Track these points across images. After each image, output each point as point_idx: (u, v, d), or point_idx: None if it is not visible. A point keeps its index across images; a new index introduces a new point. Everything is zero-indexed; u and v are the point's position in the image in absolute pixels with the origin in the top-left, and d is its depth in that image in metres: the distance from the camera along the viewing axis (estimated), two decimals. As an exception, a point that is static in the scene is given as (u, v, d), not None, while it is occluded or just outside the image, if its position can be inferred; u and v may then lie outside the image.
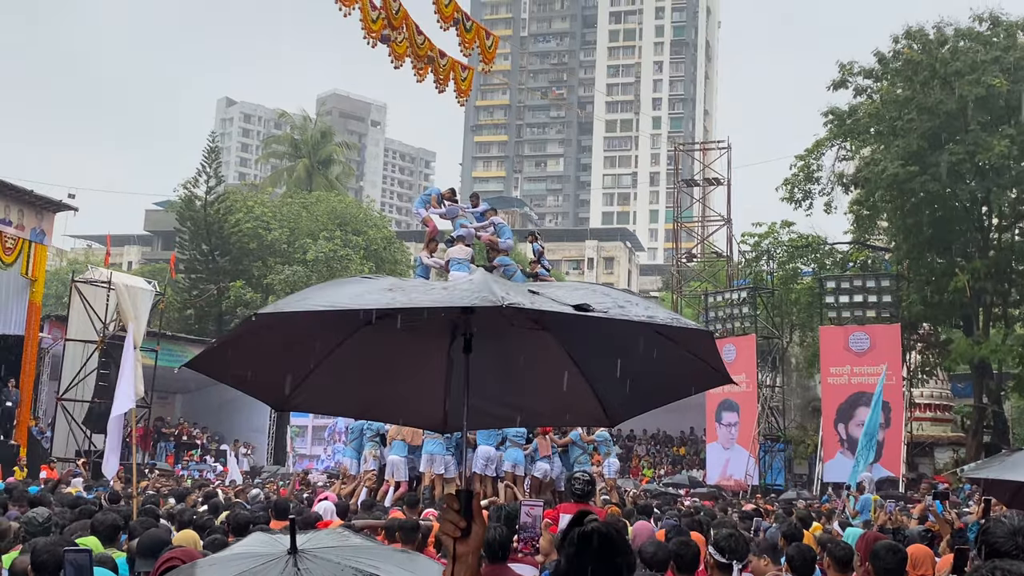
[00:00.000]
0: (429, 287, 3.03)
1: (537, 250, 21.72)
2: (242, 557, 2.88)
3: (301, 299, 3.06)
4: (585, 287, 3.12)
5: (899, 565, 5.76)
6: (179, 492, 14.68)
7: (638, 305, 2.96)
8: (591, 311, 2.74)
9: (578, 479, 8.67)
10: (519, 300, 2.68)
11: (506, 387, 3.71)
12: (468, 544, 2.67)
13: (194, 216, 51.44)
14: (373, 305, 2.83)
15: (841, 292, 33.56)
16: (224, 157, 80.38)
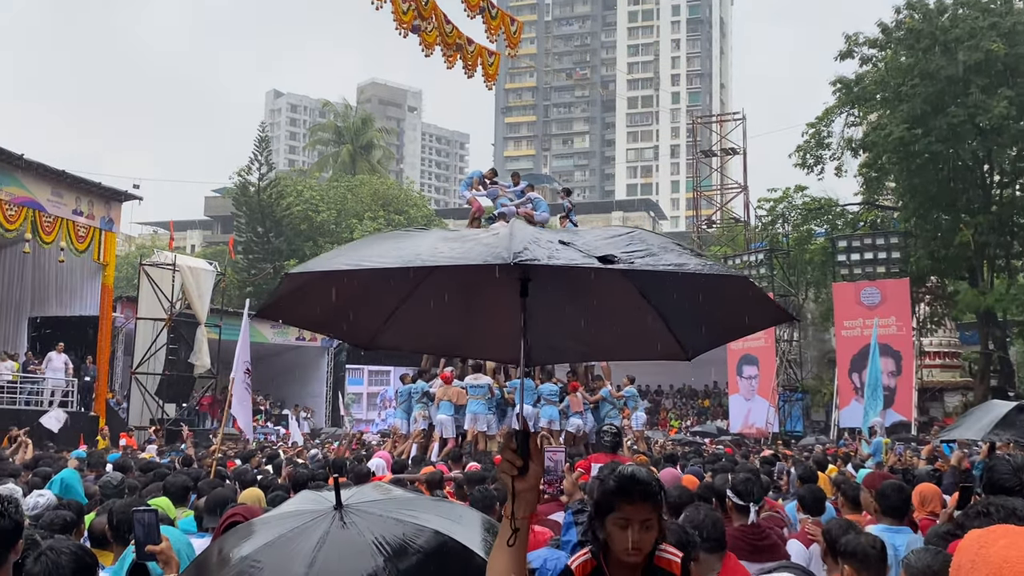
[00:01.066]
0: (463, 239, 2.88)
1: (567, 207, 21.63)
2: (292, 515, 2.91)
3: (334, 257, 3.03)
4: (624, 232, 2.95)
5: (904, 503, 5.76)
6: (245, 454, 14.89)
7: (672, 251, 2.82)
8: (615, 262, 2.60)
9: (607, 431, 8.75)
10: (534, 255, 2.53)
11: (579, 323, 3.60)
12: (526, 481, 2.61)
13: (249, 201, 51.86)
14: (393, 263, 2.76)
15: (852, 250, 33.40)
16: (274, 145, 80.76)
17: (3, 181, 23.97)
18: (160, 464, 11.63)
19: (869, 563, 4.09)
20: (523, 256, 2.50)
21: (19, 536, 3.54)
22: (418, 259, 2.71)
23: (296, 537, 2.77)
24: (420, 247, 2.81)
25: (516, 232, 2.72)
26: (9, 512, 3.47)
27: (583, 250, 2.67)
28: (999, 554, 1.92)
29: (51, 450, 16.25)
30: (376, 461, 11.09)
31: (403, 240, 2.97)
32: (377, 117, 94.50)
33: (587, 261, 2.61)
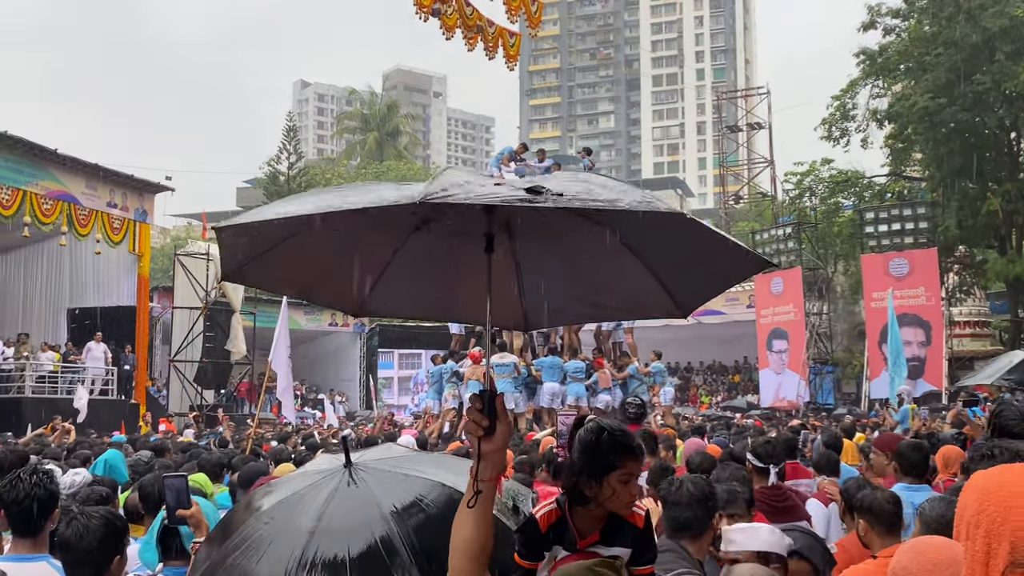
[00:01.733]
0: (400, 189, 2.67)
1: (586, 166, 21.47)
2: (307, 473, 3.00)
3: (267, 208, 2.82)
4: (571, 175, 2.74)
5: (922, 461, 5.77)
6: (281, 435, 15.09)
7: (611, 190, 2.58)
8: (540, 195, 2.35)
9: (631, 403, 8.80)
10: (449, 193, 2.33)
11: (573, 284, 3.45)
12: (493, 442, 2.50)
13: (279, 190, 52.34)
14: (311, 210, 2.59)
15: (880, 222, 33.12)
16: (302, 135, 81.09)
17: (38, 175, 24.33)
18: (197, 445, 11.84)
19: (883, 517, 4.13)
20: (436, 196, 2.32)
21: (55, 505, 3.68)
22: (346, 204, 2.56)
23: (307, 493, 2.85)
24: (347, 195, 2.66)
25: (445, 175, 2.54)
26: (44, 483, 3.61)
27: (516, 186, 2.46)
28: (1007, 489, 1.92)
29: (92, 436, 16.55)
30: (404, 439, 11.21)
31: (352, 191, 2.77)
32: (403, 103, 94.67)
33: (512, 195, 2.38)
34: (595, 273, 3.37)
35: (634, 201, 2.54)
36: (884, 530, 4.11)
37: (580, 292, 3.55)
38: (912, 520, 5.26)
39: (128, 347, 26.76)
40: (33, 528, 3.62)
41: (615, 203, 2.49)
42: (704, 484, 3.93)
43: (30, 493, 3.58)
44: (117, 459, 7.93)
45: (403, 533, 2.72)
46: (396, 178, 57.07)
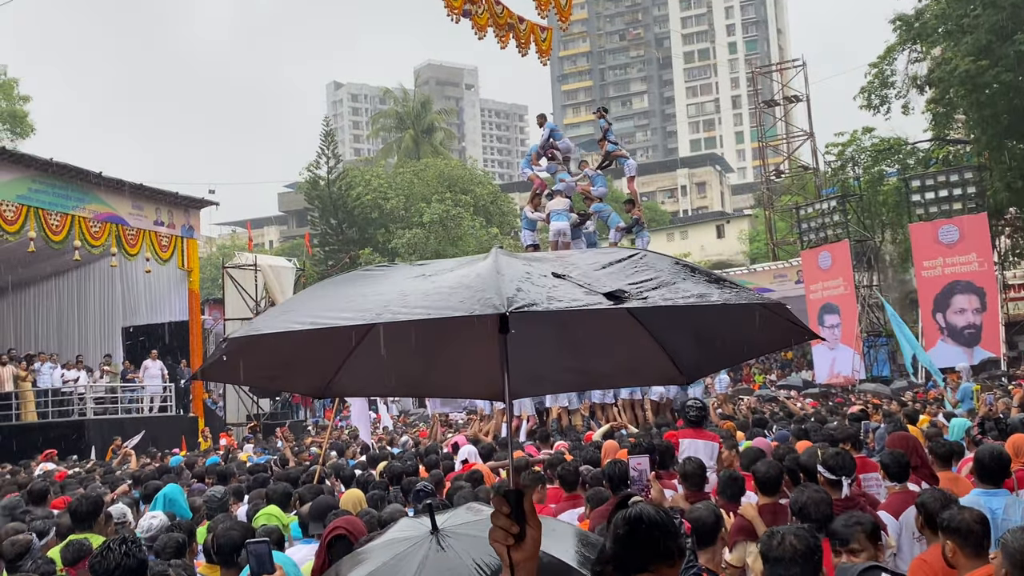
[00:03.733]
0: (435, 278, 2.52)
1: (603, 126, 21.25)
2: (393, 542, 2.99)
3: (282, 312, 2.68)
4: (625, 257, 2.58)
5: (1002, 470, 5.64)
6: (339, 447, 15.20)
7: (687, 278, 2.45)
8: (624, 299, 2.24)
9: (691, 407, 8.70)
10: (530, 299, 2.19)
11: (565, 352, 3.26)
12: (524, 550, 2.28)
13: (320, 195, 52.69)
14: (354, 320, 2.38)
15: (926, 189, 32.50)
16: (339, 136, 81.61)
17: (85, 199, 24.72)
18: (259, 466, 11.94)
19: (971, 539, 4.04)
20: (518, 302, 2.17)
21: (144, 573, 3.74)
22: (387, 312, 2.33)
23: (398, 564, 2.85)
24: (387, 296, 2.44)
25: (503, 269, 2.38)
26: (133, 552, 3.67)
27: (583, 284, 2.34)
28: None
29: (156, 455, 16.82)
30: (466, 449, 11.22)
31: (365, 285, 2.62)
32: (435, 98, 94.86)
33: (592, 300, 2.27)
34: (592, 342, 3.22)
35: (725, 295, 2.42)
36: (972, 552, 4.03)
37: (573, 361, 3.37)
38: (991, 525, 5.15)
39: (184, 361, 27.14)
40: (125, 597, 3.68)
41: (706, 298, 2.38)
42: (809, 537, 3.53)
43: (120, 563, 3.67)
44: (176, 493, 8.03)
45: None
46: (435, 175, 57.20)
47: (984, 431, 9.05)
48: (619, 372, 3.58)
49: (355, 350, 3.10)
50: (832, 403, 21.59)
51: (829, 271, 34.37)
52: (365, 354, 3.10)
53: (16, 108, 43.31)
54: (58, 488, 10.43)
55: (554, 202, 19.17)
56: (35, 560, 5.36)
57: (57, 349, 27.76)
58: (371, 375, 3.32)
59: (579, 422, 16.23)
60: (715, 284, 2.45)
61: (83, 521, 6.14)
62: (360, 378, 3.33)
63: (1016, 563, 3.29)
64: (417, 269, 2.70)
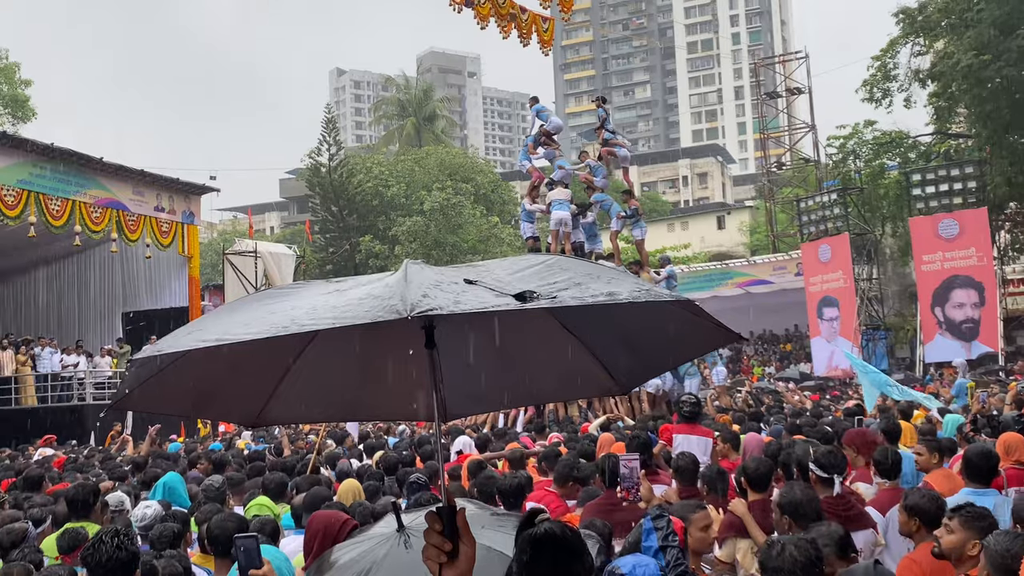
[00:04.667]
0: (347, 291, 2.50)
1: (601, 115, 21.18)
2: (363, 540, 3.06)
3: (190, 331, 2.56)
4: (539, 262, 2.56)
5: (991, 470, 5.68)
6: (337, 435, 15.20)
7: (599, 279, 2.42)
8: (533, 299, 2.21)
9: (685, 402, 8.72)
10: (435, 302, 2.16)
11: (499, 368, 3.19)
12: (456, 567, 2.22)
13: (321, 182, 52.64)
14: (262, 333, 2.29)
15: (927, 183, 32.53)
16: (341, 123, 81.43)
17: (86, 185, 24.72)
18: (256, 454, 11.99)
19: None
20: (422, 306, 2.13)
21: (136, 565, 3.78)
22: (294, 324, 2.29)
23: (360, 559, 2.94)
24: (296, 309, 2.41)
25: (412, 277, 2.37)
26: (125, 545, 3.71)
27: (495, 287, 2.31)
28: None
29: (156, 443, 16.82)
30: (462, 440, 11.25)
31: (276, 302, 2.57)
32: (438, 86, 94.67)
33: (501, 301, 2.23)
34: (525, 356, 3.17)
35: (634, 292, 2.39)
36: None
37: (507, 377, 3.29)
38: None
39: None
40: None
41: (614, 296, 2.35)
42: (810, 548, 3.47)
43: (112, 556, 3.70)
44: (176, 482, 8.07)
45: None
46: (436, 163, 57.11)
47: (977, 428, 9.09)
48: (555, 386, 3.51)
49: (285, 377, 3.02)
50: (829, 396, 21.62)
51: (829, 264, 34.40)
52: (296, 381, 3.04)
53: (17, 92, 43.22)
54: (55, 474, 10.49)
55: (555, 192, 19.18)
56: (22, 550, 5.40)
57: (57, 334, 27.81)
58: (303, 402, 3.23)
59: (576, 413, 16.26)
60: (626, 284, 2.42)
61: (79, 509, 6.17)
62: (293, 405, 3.23)
63: (998, 566, 3.33)
64: (331, 286, 2.69)
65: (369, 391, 3.33)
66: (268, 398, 3.12)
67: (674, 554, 3.75)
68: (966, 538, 4.14)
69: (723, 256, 54.47)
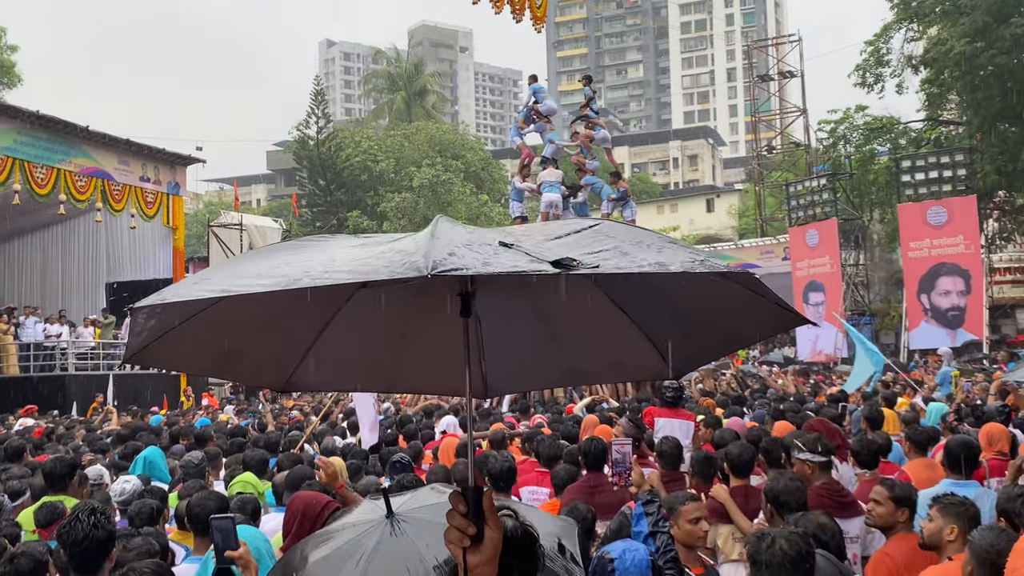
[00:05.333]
0: (371, 246, 2.28)
1: (588, 94, 21.01)
2: (350, 526, 2.98)
3: (197, 281, 2.33)
4: (585, 227, 2.38)
5: (971, 460, 5.72)
6: (322, 411, 15.17)
7: (650, 246, 2.24)
8: (573, 267, 2.00)
9: (667, 387, 8.70)
10: (461, 262, 1.97)
11: (544, 344, 3.00)
12: (481, 552, 2.06)
13: (309, 155, 52.35)
14: (271, 286, 2.08)
15: (917, 170, 32.56)
16: (330, 95, 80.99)
17: (71, 153, 24.53)
18: (239, 430, 11.94)
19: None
20: (446, 265, 1.93)
21: (113, 544, 3.74)
22: (307, 277, 2.09)
23: (350, 549, 2.82)
24: (312, 261, 2.24)
25: (441, 234, 2.18)
26: (102, 523, 3.66)
27: (531, 252, 2.10)
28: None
29: (139, 415, 16.75)
30: (446, 420, 11.22)
31: (295, 252, 2.39)
32: (429, 60, 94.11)
33: (535, 267, 2.01)
34: (573, 333, 2.97)
35: (686, 262, 2.17)
36: None
37: (552, 355, 3.09)
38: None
39: (167, 320, 27.02)
40: (92, 567, 3.72)
41: (665, 266, 2.13)
42: (801, 543, 3.30)
43: (88, 534, 3.67)
44: (156, 456, 8.04)
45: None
46: (426, 139, 56.78)
47: (960, 417, 9.13)
48: (604, 366, 3.31)
49: (319, 338, 2.85)
50: (813, 380, 21.70)
51: (816, 249, 34.46)
52: (331, 343, 2.86)
53: (3, 58, 42.73)
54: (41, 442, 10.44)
55: (545, 172, 19.10)
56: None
57: (40, 303, 27.62)
58: (338, 367, 3.02)
59: (561, 394, 16.26)
60: (679, 253, 2.22)
61: (57, 483, 6.13)
62: (327, 370, 3.01)
63: (982, 561, 3.32)
64: (359, 239, 2.49)
65: (408, 362, 3.13)
66: (301, 360, 2.93)
67: (664, 539, 3.75)
68: (944, 524, 4.17)
69: (711, 239, 54.54)
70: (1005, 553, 3.11)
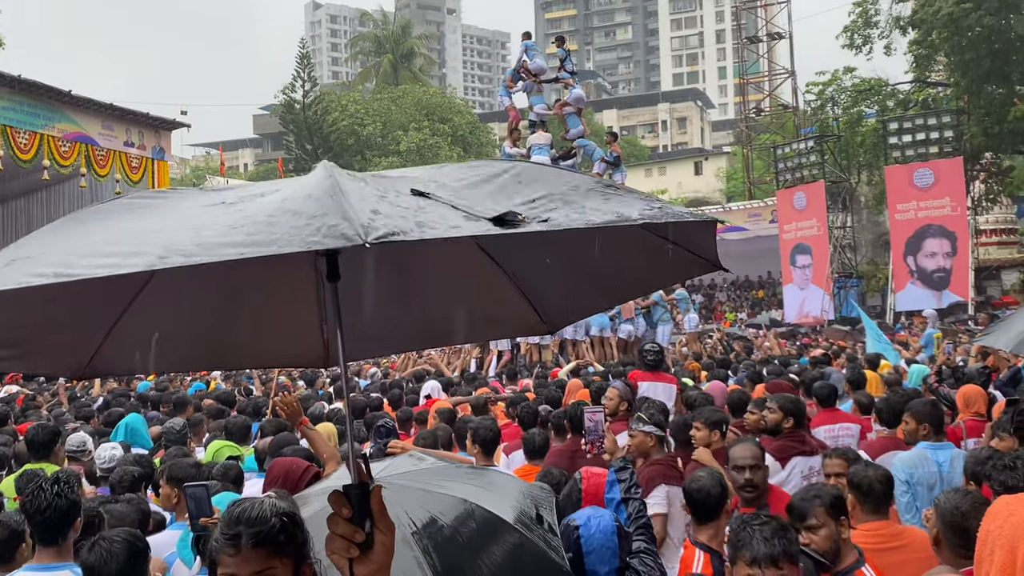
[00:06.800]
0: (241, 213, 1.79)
1: (561, 55, 20.75)
2: (326, 492, 3.00)
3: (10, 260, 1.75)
4: (499, 171, 2.03)
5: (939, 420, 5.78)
6: (309, 377, 15.22)
7: (592, 193, 1.97)
8: (520, 223, 1.73)
9: (648, 351, 8.71)
10: (396, 226, 1.63)
11: (405, 302, 2.72)
12: (371, 561, 1.74)
13: (295, 119, 52.03)
14: (123, 267, 1.61)
15: (904, 132, 32.50)
16: (317, 59, 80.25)
17: (54, 118, 24.31)
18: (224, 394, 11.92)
19: (872, 496, 4.13)
20: (379, 229, 1.62)
21: (77, 513, 3.73)
22: (175, 254, 1.60)
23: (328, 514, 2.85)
24: (172, 232, 1.74)
25: (346, 186, 1.81)
26: (66, 492, 3.65)
27: (459, 206, 1.79)
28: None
29: (125, 382, 16.72)
30: (430, 384, 11.25)
31: (136, 217, 1.93)
32: (416, 22, 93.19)
33: (476, 227, 1.73)
34: (437, 289, 2.71)
35: (646, 210, 1.93)
36: (872, 508, 4.15)
37: (414, 315, 2.83)
38: (936, 479, 5.26)
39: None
40: (57, 537, 3.70)
41: (627, 218, 1.88)
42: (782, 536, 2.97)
43: (52, 503, 3.64)
44: (138, 423, 8.05)
45: (423, 552, 2.73)
46: (413, 102, 56.39)
47: (941, 379, 9.18)
48: (475, 324, 3.02)
49: (125, 313, 2.35)
50: (800, 343, 21.81)
51: (804, 212, 34.47)
52: (141, 318, 2.36)
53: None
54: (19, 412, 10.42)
55: (535, 136, 19.02)
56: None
57: (26, 269, 27.47)
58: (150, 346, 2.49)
59: (549, 358, 16.32)
60: (633, 201, 1.96)
61: (39, 450, 6.13)
62: (134, 351, 2.53)
63: (948, 523, 3.35)
64: (212, 196, 2.05)
65: (239, 333, 2.68)
66: (102, 341, 2.42)
67: (636, 506, 3.76)
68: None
69: (699, 202, 54.50)
70: (970, 515, 3.14)
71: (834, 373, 10.52)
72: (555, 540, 2.96)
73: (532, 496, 3.15)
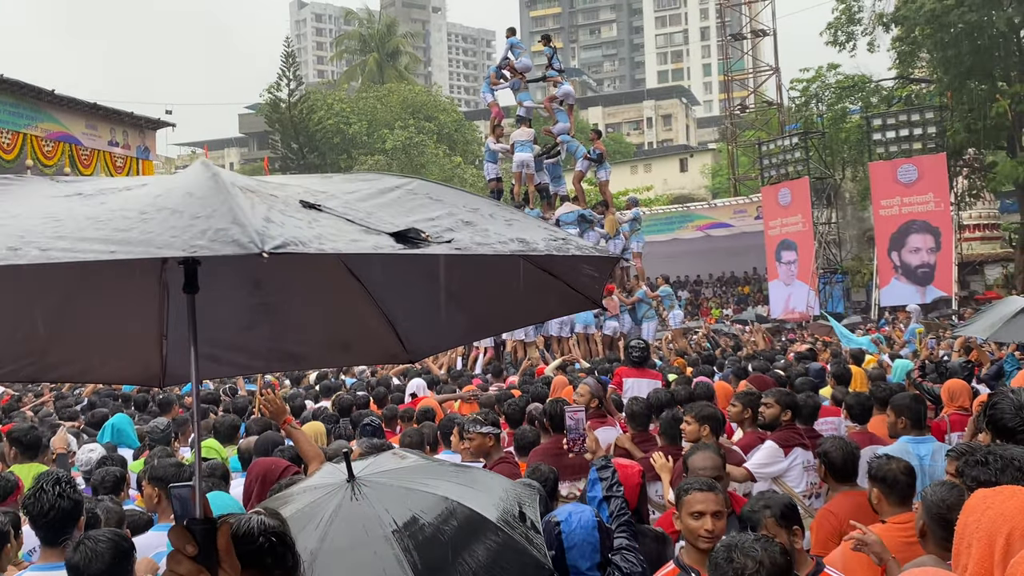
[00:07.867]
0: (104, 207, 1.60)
1: (548, 53, 20.82)
2: (311, 489, 2.99)
3: None
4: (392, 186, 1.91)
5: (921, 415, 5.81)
6: (295, 376, 15.17)
7: (494, 218, 1.87)
8: (423, 242, 1.62)
9: (634, 347, 8.74)
10: (291, 235, 1.50)
11: (256, 322, 2.54)
12: None
13: (281, 118, 51.91)
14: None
15: (887, 128, 32.65)
16: (302, 57, 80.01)
17: (37, 117, 24.18)
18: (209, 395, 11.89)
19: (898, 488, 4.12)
20: (275, 239, 1.47)
21: (80, 513, 3.74)
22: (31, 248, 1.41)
23: (311, 512, 2.82)
24: (26, 222, 1.53)
25: (232, 189, 1.63)
26: (68, 493, 3.65)
27: (356, 220, 1.67)
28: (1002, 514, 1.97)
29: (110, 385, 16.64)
30: (415, 383, 11.24)
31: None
32: (401, 20, 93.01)
33: (378, 242, 1.61)
34: (294, 310, 2.52)
35: (550, 240, 1.86)
36: (897, 500, 4.13)
37: (262, 336, 2.63)
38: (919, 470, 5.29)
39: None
40: (60, 537, 3.70)
41: (531, 246, 1.79)
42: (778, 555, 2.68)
43: (54, 504, 3.65)
44: (125, 423, 8.02)
45: (404, 550, 2.73)
46: (398, 101, 56.35)
47: (924, 374, 9.24)
48: (327, 350, 2.89)
49: None
50: (785, 339, 21.87)
51: (788, 208, 34.59)
52: None
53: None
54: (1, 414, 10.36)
55: (518, 132, 19.00)
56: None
57: (10, 270, 27.34)
58: None
59: (535, 355, 16.32)
60: (535, 231, 1.88)
61: (29, 451, 6.08)
62: None
63: (933, 516, 3.38)
64: (65, 187, 1.80)
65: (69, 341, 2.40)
66: None
67: (618, 504, 3.77)
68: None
69: (685, 199, 54.60)
70: (955, 508, 3.16)
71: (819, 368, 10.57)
72: (538, 538, 2.96)
73: (516, 493, 3.14)
